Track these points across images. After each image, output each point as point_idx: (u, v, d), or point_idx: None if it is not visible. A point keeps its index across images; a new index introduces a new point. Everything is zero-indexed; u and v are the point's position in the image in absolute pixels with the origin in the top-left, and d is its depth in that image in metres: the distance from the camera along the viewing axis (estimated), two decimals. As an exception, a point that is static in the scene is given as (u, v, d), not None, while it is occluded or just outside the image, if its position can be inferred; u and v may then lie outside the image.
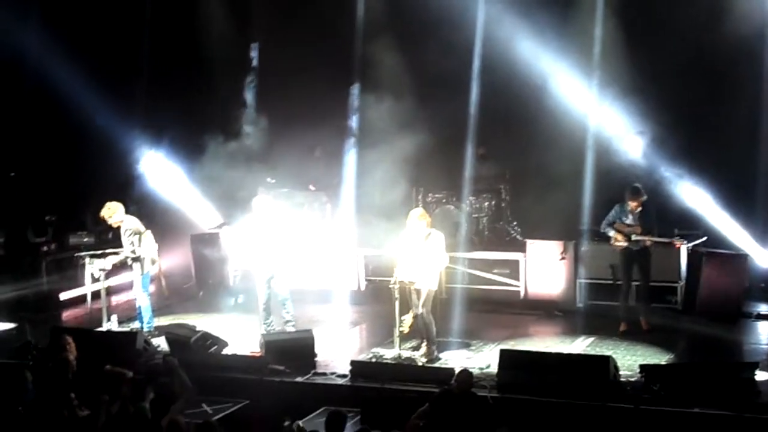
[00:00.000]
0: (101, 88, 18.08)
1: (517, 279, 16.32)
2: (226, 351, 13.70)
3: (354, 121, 18.41)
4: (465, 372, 10.92)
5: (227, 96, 19.67)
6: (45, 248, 17.93)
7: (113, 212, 14.63)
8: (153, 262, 14.74)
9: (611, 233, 14.38)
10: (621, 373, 12.05)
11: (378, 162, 16.70)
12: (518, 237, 17.66)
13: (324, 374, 12.80)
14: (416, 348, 13.41)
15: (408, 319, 13.01)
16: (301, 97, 18.40)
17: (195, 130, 18.43)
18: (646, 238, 14.17)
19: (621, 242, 14.30)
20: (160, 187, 19.33)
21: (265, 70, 20.03)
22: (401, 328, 13.00)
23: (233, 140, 18.11)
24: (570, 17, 17.27)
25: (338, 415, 9.78)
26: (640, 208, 14.21)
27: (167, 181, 19.36)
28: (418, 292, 13.05)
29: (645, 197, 14.25)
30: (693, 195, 16.52)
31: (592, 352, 13.34)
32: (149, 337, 14.20)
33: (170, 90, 18.79)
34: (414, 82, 17.02)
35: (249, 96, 20.01)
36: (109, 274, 14.92)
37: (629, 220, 14.27)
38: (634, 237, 14.18)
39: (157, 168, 19.44)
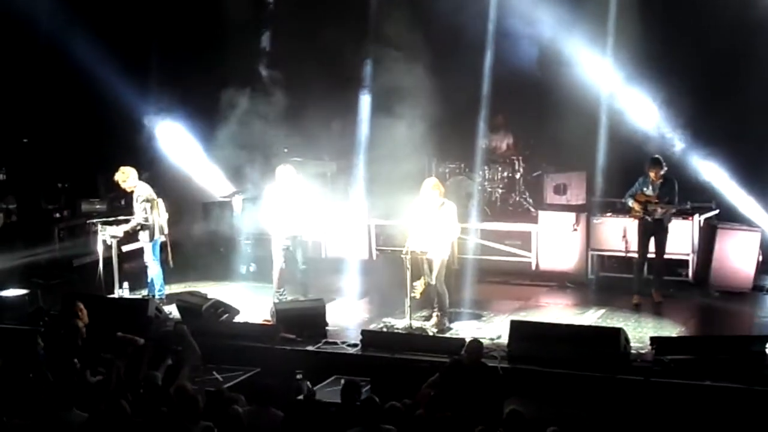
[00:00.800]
0: (114, 52, 17.94)
1: (529, 250, 16.29)
2: (237, 319, 13.76)
3: (368, 90, 18.28)
4: (475, 342, 10.94)
5: (244, 56, 19.42)
6: (57, 215, 18.02)
7: (127, 176, 14.75)
8: (162, 230, 14.78)
9: (630, 203, 14.38)
10: (632, 345, 12.03)
11: (391, 131, 16.61)
12: (530, 208, 17.60)
13: (335, 343, 12.81)
14: (427, 318, 13.42)
15: (419, 285, 13.02)
16: (315, 65, 18.26)
17: (212, 92, 18.22)
18: (659, 207, 14.14)
19: (639, 212, 14.29)
20: (173, 155, 19.27)
21: (281, 31, 19.83)
22: (413, 294, 13.00)
23: (250, 102, 17.91)
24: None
25: (353, 385, 9.80)
26: (661, 180, 14.21)
27: (180, 149, 19.30)
28: (430, 262, 13.05)
29: (665, 168, 14.26)
30: (706, 167, 16.46)
31: (603, 324, 13.32)
32: (160, 304, 14.25)
33: (185, 55, 18.63)
34: (428, 51, 16.87)
35: (266, 46, 19.86)
36: (121, 242, 14.95)
37: (649, 190, 14.27)
38: (650, 207, 14.16)
39: (171, 135, 19.38)
